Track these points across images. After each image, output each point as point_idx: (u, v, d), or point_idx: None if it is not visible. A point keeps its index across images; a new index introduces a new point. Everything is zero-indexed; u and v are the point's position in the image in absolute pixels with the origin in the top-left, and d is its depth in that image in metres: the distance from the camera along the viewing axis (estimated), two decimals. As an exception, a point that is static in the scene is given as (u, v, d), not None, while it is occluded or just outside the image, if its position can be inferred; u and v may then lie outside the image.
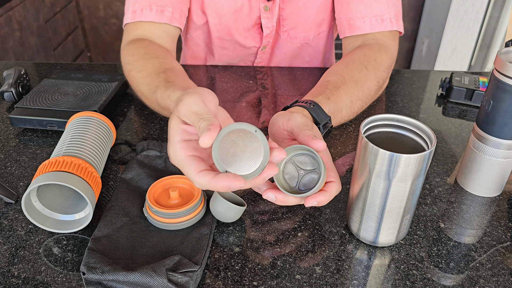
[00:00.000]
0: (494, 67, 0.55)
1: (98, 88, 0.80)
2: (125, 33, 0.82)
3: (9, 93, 0.80)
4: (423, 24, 2.63)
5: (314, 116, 0.60)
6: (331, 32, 0.98)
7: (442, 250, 0.53)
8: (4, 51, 1.86)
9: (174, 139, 0.46)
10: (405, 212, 0.50)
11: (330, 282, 0.49)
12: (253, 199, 0.60)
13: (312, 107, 0.61)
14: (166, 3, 0.79)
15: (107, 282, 0.47)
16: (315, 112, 0.60)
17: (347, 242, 0.54)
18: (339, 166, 0.67)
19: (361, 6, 0.80)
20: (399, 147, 0.49)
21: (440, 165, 0.68)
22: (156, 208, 0.53)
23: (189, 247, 0.51)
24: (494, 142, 0.57)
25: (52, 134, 0.73)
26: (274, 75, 0.94)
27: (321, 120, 0.60)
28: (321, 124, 0.60)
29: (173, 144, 0.46)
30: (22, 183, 0.63)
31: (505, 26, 2.19)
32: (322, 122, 0.60)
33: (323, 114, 0.61)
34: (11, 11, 1.91)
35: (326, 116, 0.61)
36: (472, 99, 0.83)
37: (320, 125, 0.60)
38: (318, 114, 0.60)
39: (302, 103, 0.62)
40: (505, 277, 0.50)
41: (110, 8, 2.66)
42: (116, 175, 0.64)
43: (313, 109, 0.61)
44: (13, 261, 0.51)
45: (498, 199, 0.61)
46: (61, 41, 2.40)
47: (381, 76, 0.74)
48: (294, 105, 0.62)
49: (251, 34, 0.93)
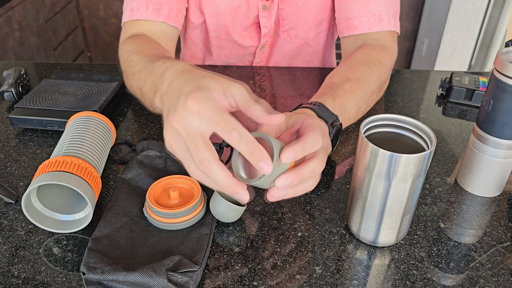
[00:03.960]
0: (494, 67, 0.55)
1: (98, 88, 0.80)
2: (122, 31, 0.82)
3: (9, 93, 0.80)
4: (423, 24, 2.64)
5: (320, 116, 0.59)
6: (330, 31, 0.98)
7: (442, 250, 0.53)
8: (4, 51, 1.86)
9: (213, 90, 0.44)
10: (405, 212, 0.50)
11: (330, 282, 0.49)
12: (253, 199, 0.60)
13: (317, 107, 0.60)
14: (163, 1, 0.79)
15: (107, 282, 0.47)
16: (321, 111, 0.59)
17: (347, 242, 0.54)
18: (339, 166, 0.67)
19: (359, 6, 0.80)
20: (399, 147, 0.49)
21: (440, 165, 0.68)
22: (156, 208, 0.53)
23: (189, 247, 0.51)
24: (494, 142, 0.57)
25: (52, 134, 0.73)
26: (273, 75, 0.94)
27: (328, 118, 0.59)
28: (329, 123, 0.59)
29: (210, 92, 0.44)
30: (22, 183, 0.63)
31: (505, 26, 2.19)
32: (329, 120, 0.59)
33: (329, 113, 0.60)
34: (11, 11, 1.91)
35: (333, 115, 0.60)
36: (472, 99, 0.83)
37: (328, 124, 0.59)
38: (324, 113, 0.59)
39: (307, 105, 0.60)
40: (505, 277, 0.50)
41: (110, 8, 2.66)
42: (116, 175, 0.64)
43: (319, 109, 0.59)
44: (13, 261, 0.51)
45: (498, 199, 0.61)
46: (61, 41, 2.40)
47: (383, 77, 0.74)
48: (298, 107, 0.61)
49: (249, 34, 0.93)
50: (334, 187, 0.63)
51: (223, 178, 0.42)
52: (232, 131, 0.41)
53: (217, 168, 0.42)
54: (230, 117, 0.43)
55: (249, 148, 0.41)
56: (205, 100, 0.43)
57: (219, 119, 0.42)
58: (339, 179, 0.64)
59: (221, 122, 0.42)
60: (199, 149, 0.42)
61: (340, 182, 0.64)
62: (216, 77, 0.46)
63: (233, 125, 0.42)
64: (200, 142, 0.42)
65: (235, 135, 0.41)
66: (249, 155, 0.42)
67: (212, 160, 0.42)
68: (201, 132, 0.43)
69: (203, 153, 0.42)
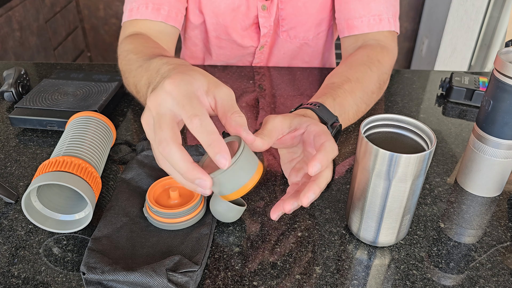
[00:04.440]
0: (494, 67, 0.55)
1: (98, 88, 0.80)
2: (122, 31, 0.82)
3: (9, 93, 0.80)
4: (423, 24, 2.64)
5: (320, 116, 0.59)
6: (330, 32, 0.98)
7: (442, 250, 0.53)
8: (4, 51, 1.86)
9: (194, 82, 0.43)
10: (405, 212, 0.50)
11: (330, 282, 0.49)
12: (253, 199, 0.60)
13: (317, 108, 0.59)
14: (162, 1, 0.79)
15: (107, 282, 0.47)
16: (321, 112, 0.59)
17: (347, 242, 0.54)
18: (339, 166, 0.67)
19: (359, 6, 0.80)
20: (399, 147, 0.49)
21: (440, 165, 0.68)
22: (156, 208, 0.53)
23: (189, 247, 0.51)
24: (494, 142, 0.57)
25: (52, 134, 0.73)
26: (273, 75, 0.94)
27: (328, 119, 0.59)
28: (329, 124, 0.59)
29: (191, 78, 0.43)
30: (22, 183, 0.63)
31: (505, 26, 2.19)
32: (329, 122, 0.59)
33: (330, 114, 0.60)
34: (11, 11, 1.91)
35: (333, 116, 0.60)
36: (472, 99, 0.83)
37: (328, 125, 0.59)
38: (324, 114, 0.59)
39: (307, 105, 0.60)
40: (505, 277, 0.50)
41: (110, 8, 2.66)
42: (116, 175, 0.64)
43: (319, 109, 0.59)
44: (13, 261, 0.51)
45: (498, 199, 0.61)
46: (61, 41, 2.40)
47: (383, 77, 0.74)
48: (298, 108, 0.61)
49: (248, 34, 0.93)
50: (334, 187, 0.63)
51: (181, 162, 0.40)
52: (194, 117, 0.40)
53: (176, 150, 0.40)
54: (199, 105, 0.41)
55: (208, 138, 0.40)
56: (181, 83, 0.42)
57: (186, 103, 0.41)
58: (339, 179, 0.64)
59: (187, 106, 0.41)
60: (162, 129, 0.41)
61: (340, 182, 0.64)
62: (207, 75, 0.45)
63: (198, 112, 0.40)
64: (165, 122, 0.41)
65: (196, 122, 0.40)
66: (207, 145, 0.40)
67: (172, 141, 0.40)
68: (170, 113, 0.41)
69: (164, 133, 0.40)
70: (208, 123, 0.40)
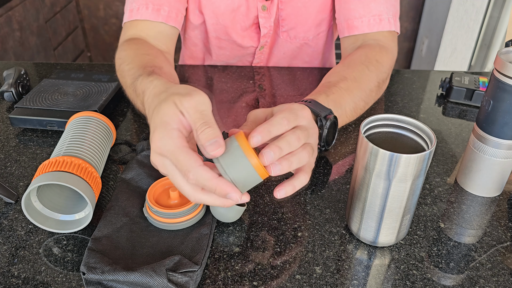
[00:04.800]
0: (494, 67, 0.55)
1: (98, 88, 0.80)
2: (122, 32, 0.82)
3: (9, 93, 0.80)
4: (423, 24, 2.63)
5: (312, 109, 0.59)
6: (330, 32, 0.98)
7: (442, 250, 0.53)
8: (4, 51, 1.86)
9: (171, 125, 0.44)
10: (405, 212, 0.50)
11: (330, 282, 0.49)
12: (253, 199, 0.60)
13: (309, 103, 0.60)
14: (162, 2, 0.79)
15: (107, 282, 0.47)
16: (314, 105, 0.60)
17: (347, 242, 0.54)
18: (339, 166, 0.67)
19: (359, 6, 0.80)
20: (399, 147, 0.49)
21: (440, 165, 0.68)
22: (156, 208, 0.53)
23: (189, 247, 0.51)
24: (494, 142, 0.57)
25: (52, 134, 0.73)
26: (273, 76, 0.94)
27: (321, 111, 0.60)
28: (321, 115, 0.59)
29: (169, 130, 0.44)
30: (22, 183, 0.63)
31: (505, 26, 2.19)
32: (322, 113, 0.60)
33: (322, 107, 0.60)
34: (11, 11, 1.91)
35: (326, 108, 0.60)
36: (472, 99, 0.83)
37: (321, 117, 0.60)
38: (317, 107, 0.60)
39: (299, 102, 0.61)
40: (505, 277, 0.50)
41: (110, 8, 2.66)
42: (116, 175, 0.64)
43: (311, 104, 0.60)
44: (13, 261, 0.51)
45: (498, 199, 0.61)
46: (61, 41, 2.40)
47: (382, 77, 0.74)
48: None
49: (248, 34, 0.93)
50: (334, 187, 0.63)
51: (209, 180, 0.43)
52: (187, 173, 0.43)
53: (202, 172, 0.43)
54: (185, 158, 0.43)
55: (211, 185, 0.43)
56: (162, 141, 0.44)
57: (175, 161, 0.44)
58: (339, 179, 0.64)
59: (178, 165, 0.44)
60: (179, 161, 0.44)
61: (340, 182, 0.64)
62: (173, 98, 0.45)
63: (188, 167, 0.43)
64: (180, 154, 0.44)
65: (192, 177, 0.43)
66: (213, 190, 0.44)
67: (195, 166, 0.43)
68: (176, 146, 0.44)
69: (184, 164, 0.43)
70: (201, 173, 0.43)
